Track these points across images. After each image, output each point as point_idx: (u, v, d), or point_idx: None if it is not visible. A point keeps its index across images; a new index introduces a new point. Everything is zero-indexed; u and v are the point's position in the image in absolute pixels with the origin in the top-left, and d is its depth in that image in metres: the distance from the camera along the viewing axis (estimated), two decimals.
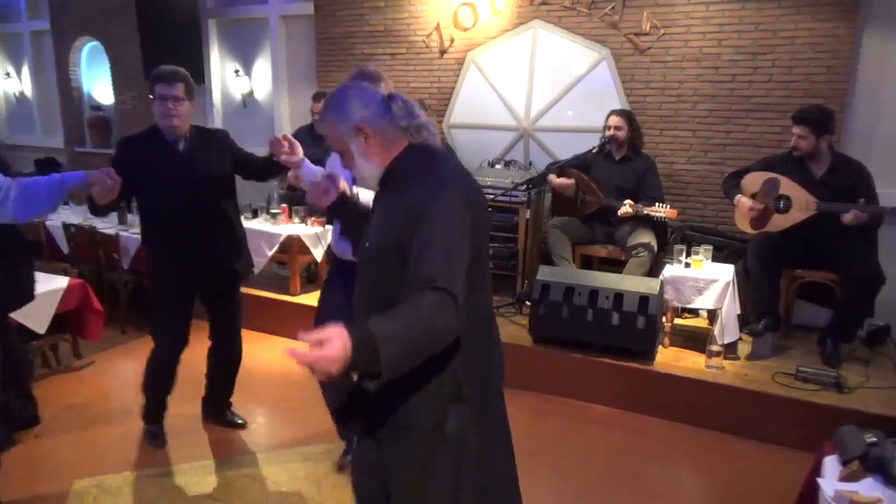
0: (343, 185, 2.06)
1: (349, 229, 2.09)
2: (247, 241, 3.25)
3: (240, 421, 3.44)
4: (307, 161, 2.90)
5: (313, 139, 5.38)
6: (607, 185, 4.38)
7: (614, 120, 4.36)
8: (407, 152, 1.68)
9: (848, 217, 3.48)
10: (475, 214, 1.61)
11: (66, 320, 3.92)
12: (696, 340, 3.90)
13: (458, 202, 1.56)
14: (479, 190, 1.75)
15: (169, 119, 2.81)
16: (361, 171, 1.69)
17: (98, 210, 2.71)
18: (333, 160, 2.82)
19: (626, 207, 4.13)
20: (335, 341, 1.32)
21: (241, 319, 3.32)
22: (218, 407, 3.45)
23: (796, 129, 3.71)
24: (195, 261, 2.93)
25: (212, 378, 3.39)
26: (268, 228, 4.77)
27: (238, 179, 3.15)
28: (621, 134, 4.34)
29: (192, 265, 2.93)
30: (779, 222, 3.79)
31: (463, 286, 1.49)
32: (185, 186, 2.85)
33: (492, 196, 4.51)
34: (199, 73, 6.53)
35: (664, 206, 4.09)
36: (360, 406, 1.68)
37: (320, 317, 2.95)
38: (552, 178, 4.54)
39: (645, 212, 4.11)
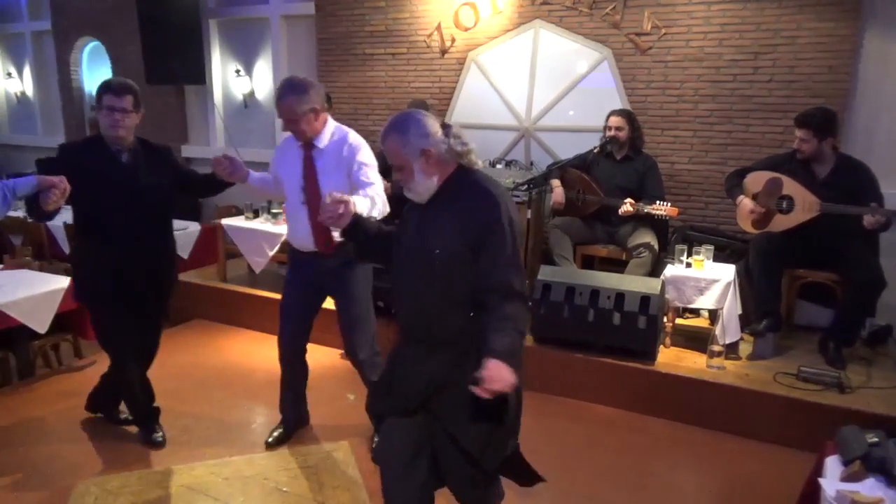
0: (352, 205, 2.23)
1: (366, 248, 2.27)
2: (175, 254, 3.29)
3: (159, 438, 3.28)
4: (252, 172, 3.03)
5: None
6: (608, 185, 4.38)
7: (615, 120, 4.36)
8: (459, 172, 2.06)
9: (870, 220, 3.44)
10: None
11: (68, 320, 3.93)
12: (698, 340, 3.90)
13: (516, 215, 2.02)
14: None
15: (115, 129, 2.83)
16: (419, 185, 2.02)
17: (40, 215, 2.70)
18: (286, 145, 2.99)
19: (627, 206, 4.13)
20: (502, 374, 1.79)
21: (159, 337, 3.29)
22: (145, 416, 3.30)
23: (799, 133, 3.70)
24: (127, 272, 2.92)
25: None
26: (268, 228, 4.77)
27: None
28: (622, 134, 4.34)
29: (125, 276, 2.92)
30: (781, 222, 3.79)
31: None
32: (126, 197, 2.86)
33: None
34: (200, 73, 6.53)
35: (665, 204, 4.08)
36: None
37: (285, 308, 3.13)
38: (554, 183, 4.53)
39: (646, 210, 4.10)
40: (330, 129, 2.92)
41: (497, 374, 1.78)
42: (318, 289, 3.09)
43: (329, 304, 3.13)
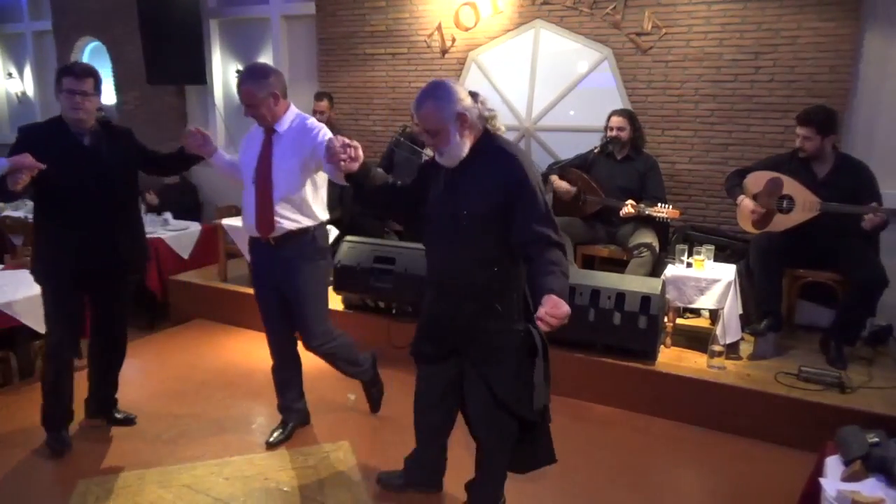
0: (360, 150, 2.41)
1: (368, 196, 2.49)
2: (145, 237, 3.28)
3: (130, 416, 3.38)
4: (220, 151, 3.13)
5: None
6: (609, 185, 4.37)
7: (616, 121, 4.35)
8: (486, 136, 2.24)
9: (871, 220, 3.45)
10: None
11: None
12: (698, 340, 3.89)
13: (539, 177, 2.20)
14: None
15: (76, 111, 2.82)
16: (454, 148, 2.17)
17: (7, 196, 2.72)
18: (253, 133, 3.04)
19: (628, 208, 4.12)
20: (562, 306, 1.96)
21: (126, 319, 3.27)
22: (104, 405, 3.35)
23: (801, 131, 3.69)
24: (90, 255, 2.92)
25: (94, 376, 3.29)
26: None
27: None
28: (624, 134, 4.34)
29: (86, 260, 2.92)
30: (781, 222, 3.79)
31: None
32: (90, 180, 2.86)
33: None
34: (200, 72, 6.53)
35: (666, 206, 4.08)
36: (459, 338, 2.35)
37: (265, 319, 3.17)
38: (555, 179, 4.53)
39: (647, 212, 4.10)
40: (290, 116, 2.94)
41: (557, 309, 1.95)
42: (274, 282, 3.06)
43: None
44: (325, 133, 2.86)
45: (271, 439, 3.23)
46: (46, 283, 3.00)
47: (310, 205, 2.95)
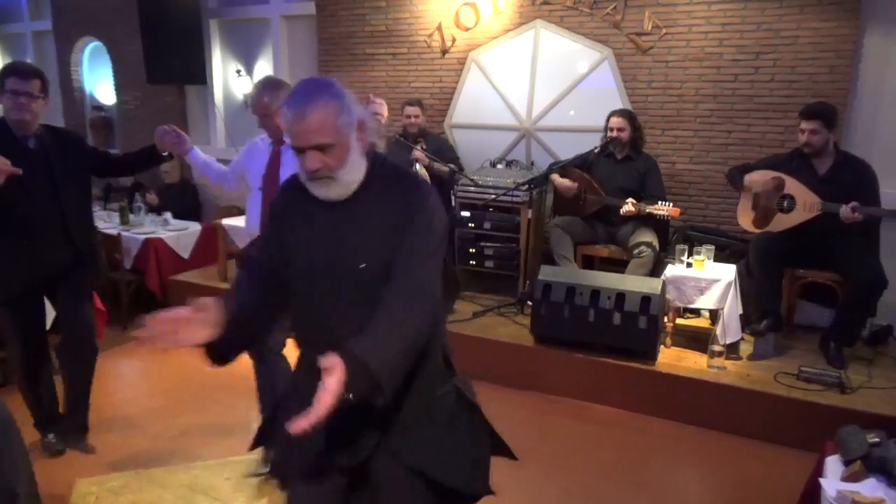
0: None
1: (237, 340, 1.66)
2: (98, 243, 3.20)
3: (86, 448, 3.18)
4: (196, 149, 3.04)
5: None
6: (609, 185, 4.37)
7: (616, 121, 4.36)
8: (375, 155, 1.57)
9: (846, 214, 3.46)
10: None
11: None
12: (698, 340, 3.89)
13: (443, 212, 1.57)
14: None
15: (20, 112, 2.71)
16: (352, 169, 1.50)
17: None
18: (257, 147, 3.00)
19: (629, 206, 4.12)
20: (328, 393, 1.25)
21: (91, 318, 3.13)
22: (71, 427, 3.16)
23: (809, 125, 3.67)
24: (43, 265, 2.84)
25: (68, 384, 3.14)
26: None
27: None
28: (624, 135, 4.34)
29: (40, 269, 2.84)
30: (782, 222, 3.79)
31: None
32: (38, 184, 2.74)
33: (493, 196, 4.51)
34: (200, 73, 6.53)
35: (667, 204, 4.08)
36: (366, 423, 1.55)
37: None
38: (555, 177, 4.53)
39: (647, 210, 4.10)
40: None
41: (324, 393, 1.25)
42: None
43: None
44: None
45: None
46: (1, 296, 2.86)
47: None
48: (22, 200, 2.73)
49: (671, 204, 4.08)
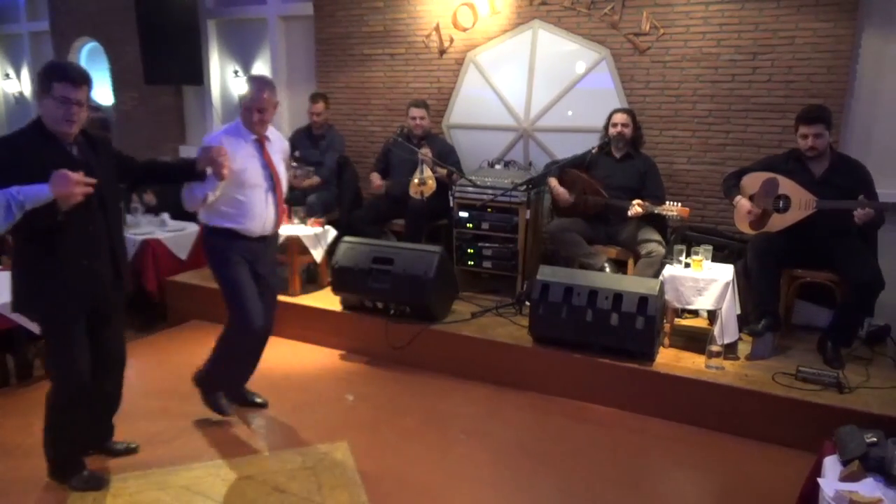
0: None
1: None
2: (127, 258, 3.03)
3: (131, 446, 3.10)
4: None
5: (310, 140, 5.39)
6: (609, 184, 4.37)
7: (620, 117, 4.36)
8: None
9: (860, 214, 3.45)
10: None
11: None
12: (696, 341, 3.90)
13: None
14: None
15: (70, 124, 2.49)
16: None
17: (53, 224, 2.45)
18: (231, 142, 3.12)
19: (636, 208, 4.09)
20: None
21: (125, 343, 3.00)
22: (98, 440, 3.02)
23: (812, 129, 3.65)
24: (92, 280, 2.64)
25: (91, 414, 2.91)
26: None
27: None
28: (627, 131, 4.35)
29: (97, 286, 2.66)
30: (778, 222, 3.79)
31: None
32: (88, 197, 2.47)
33: (491, 196, 4.51)
34: (198, 73, 6.53)
35: (675, 203, 4.06)
36: None
37: (246, 288, 3.25)
38: (554, 184, 4.52)
39: (656, 211, 4.08)
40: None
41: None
42: (252, 267, 3.28)
43: (323, 303, 3.14)
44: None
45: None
46: (54, 320, 2.64)
47: None
48: (78, 215, 2.49)
49: (679, 203, 4.06)
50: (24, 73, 8.46)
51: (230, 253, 3.21)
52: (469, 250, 4.73)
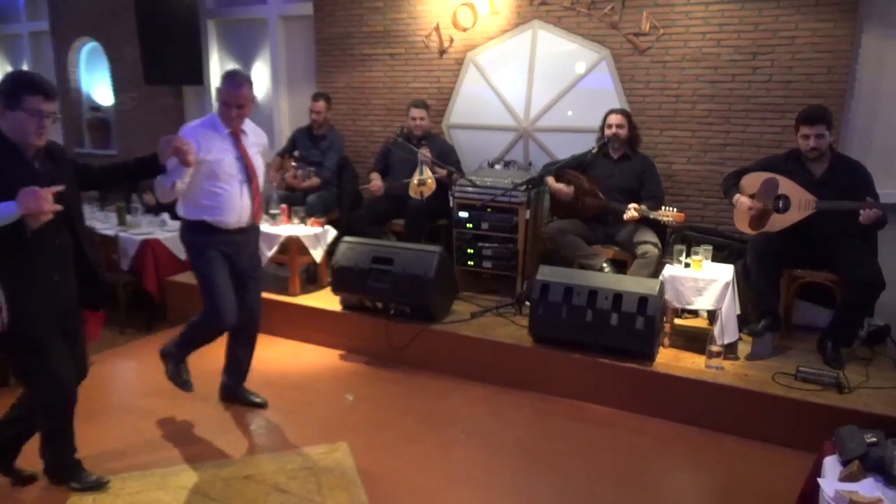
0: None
1: None
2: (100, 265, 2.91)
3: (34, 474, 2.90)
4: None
5: (311, 140, 5.39)
6: (608, 185, 4.37)
7: (616, 118, 4.36)
8: None
9: (867, 215, 3.44)
10: None
11: None
12: (696, 341, 3.90)
13: None
14: None
15: (39, 137, 2.42)
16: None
17: (24, 244, 2.39)
18: (205, 136, 3.17)
19: (632, 212, 4.10)
20: None
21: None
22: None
23: (813, 129, 3.65)
24: (61, 294, 2.60)
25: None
26: (267, 229, 4.75)
27: None
28: (623, 132, 4.35)
29: (59, 299, 2.60)
30: (778, 222, 3.79)
31: None
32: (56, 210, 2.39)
33: (491, 196, 4.51)
34: (198, 73, 6.52)
35: (671, 209, 4.06)
36: None
37: (219, 283, 3.33)
38: (551, 182, 4.52)
39: (651, 216, 4.08)
40: None
41: None
42: (231, 261, 3.35)
43: (323, 303, 3.13)
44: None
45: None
46: (32, 333, 2.53)
47: None
48: (45, 229, 2.39)
49: (675, 209, 4.06)
50: None
51: (206, 248, 3.28)
52: (469, 250, 4.73)
